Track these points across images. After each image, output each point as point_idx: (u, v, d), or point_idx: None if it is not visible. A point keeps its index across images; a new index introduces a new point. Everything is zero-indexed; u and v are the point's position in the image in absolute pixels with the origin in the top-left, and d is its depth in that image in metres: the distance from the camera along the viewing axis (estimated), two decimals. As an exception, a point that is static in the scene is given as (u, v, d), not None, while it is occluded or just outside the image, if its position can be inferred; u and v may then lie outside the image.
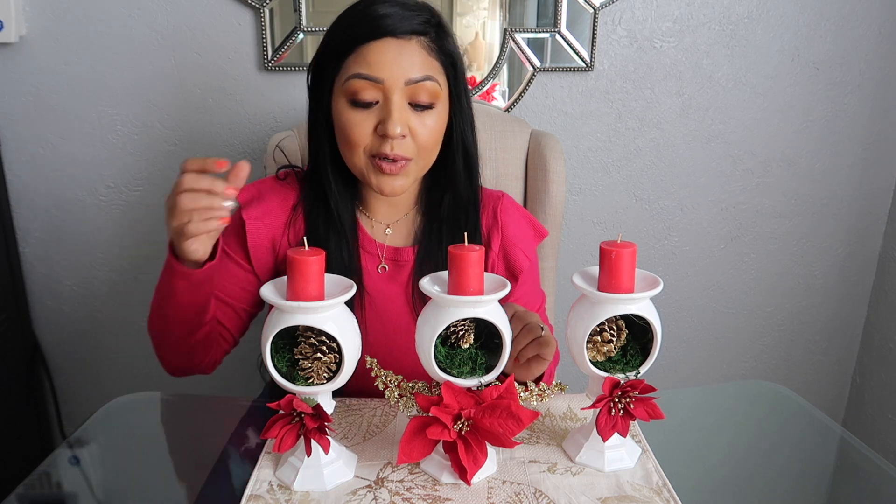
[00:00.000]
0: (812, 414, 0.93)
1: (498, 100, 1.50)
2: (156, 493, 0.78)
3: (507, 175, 1.26)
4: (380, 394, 0.75)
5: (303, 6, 1.40)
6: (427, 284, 0.71)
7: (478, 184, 1.01)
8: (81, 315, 1.61)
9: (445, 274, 0.71)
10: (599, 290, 0.72)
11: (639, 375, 0.75)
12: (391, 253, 1.00)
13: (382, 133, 0.87)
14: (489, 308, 0.70)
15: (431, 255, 0.98)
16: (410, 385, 0.74)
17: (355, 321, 0.72)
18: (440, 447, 0.74)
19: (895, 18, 1.51)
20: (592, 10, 1.45)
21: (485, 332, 0.73)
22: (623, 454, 0.77)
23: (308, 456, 0.72)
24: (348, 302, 0.70)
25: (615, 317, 0.74)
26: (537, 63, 1.47)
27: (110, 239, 1.55)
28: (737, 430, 0.93)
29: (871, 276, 1.72)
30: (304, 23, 1.41)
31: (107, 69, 1.44)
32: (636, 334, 0.76)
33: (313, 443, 0.70)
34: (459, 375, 0.72)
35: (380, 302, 0.98)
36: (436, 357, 0.71)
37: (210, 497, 0.76)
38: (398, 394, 0.74)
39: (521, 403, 0.72)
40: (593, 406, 0.75)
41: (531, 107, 1.51)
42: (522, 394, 0.75)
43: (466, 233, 0.80)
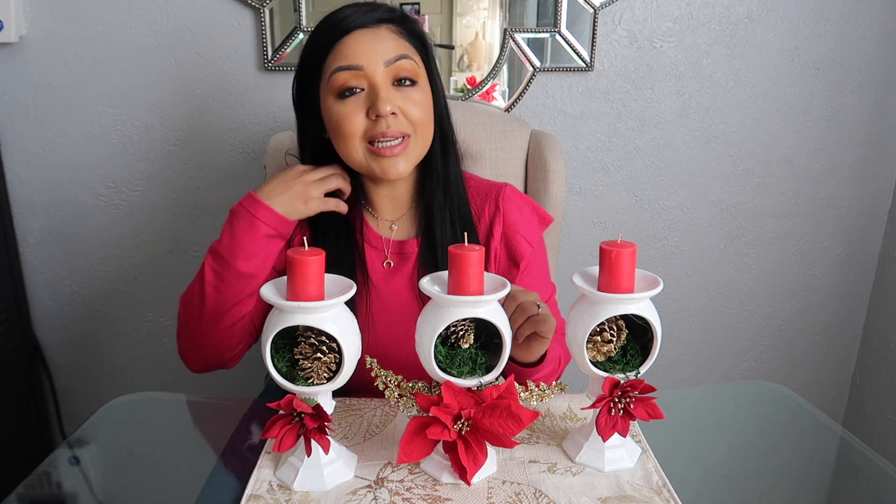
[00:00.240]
0: (812, 414, 0.93)
1: (498, 100, 1.50)
2: (156, 493, 0.78)
3: (507, 175, 1.26)
4: (380, 393, 0.75)
5: (303, 6, 1.40)
6: (427, 284, 0.71)
7: (456, 163, 1.02)
8: (81, 315, 1.61)
9: (445, 274, 0.71)
10: (599, 290, 0.72)
11: (639, 375, 0.75)
12: (396, 246, 1.01)
13: (375, 115, 0.90)
14: (489, 308, 0.70)
15: (432, 244, 0.99)
16: (410, 385, 0.74)
17: (355, 321, 0.72)
18: (440, 447, 0.74)
19: (895, 18, 1.51)
20: (592, 10, 1.45)
21: (485, 332, 0.73)
22: (623, 454, 0.77)
23: (308, 456, 0.72)
24: (351, 300, 0.70)
25: (615, 317, 0.74)
26: (537, 63, 1.47)
27: (110, 239, 1.55)
28: (737, 431, 0.93)
29: (871, 276, 1.72)
30: (304, 23, 1.41)
31: (107, 69, 1.44)
32: (636, 334, 0.76)
33: (313, 443, 0.70)
34: (459, 375, 0.72)
35: (386, 295, 0.99)
36: (436, 357, 0.71)
37: (210, 497, 0.76)
38: (398, 394, 0.74)
39: (521, 403, 0.72)
40: (593, 406, 0.75)
41: (531, 107, 1.52)
42: (522, 394, 0.75)
43: (466, 232, 0.80)
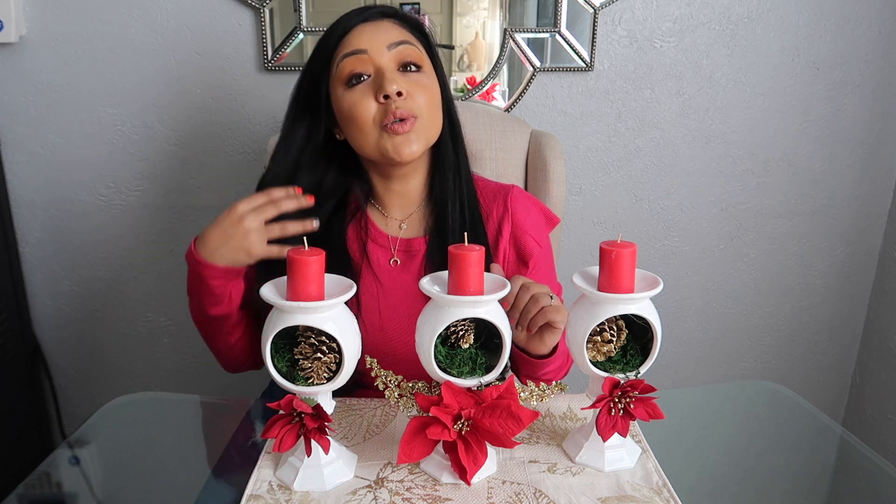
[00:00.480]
0: (812, 414, 0.93)
1: (498, 100, 1.50)
2: (156, 493, 0.78)
3: (507, 175, 1.26)
4: (380, 393, 0.75)
5: (303, 6, 1.40)
6: (427, 284, 0.71)
7: (465, 155, 1.04)
8: (81, 315, 1.61)
9: (445, 274, 0.71)
10: (599, 290, 0.72)
11: (639, 375, 0.75)
12: (403, 244, 1.02)
13: (383, 96, 0.92)
14: (489, 308, 0.70)
15: (443, 237, 1.00)
16: (410, 385, 0.74)
17: (355, 321, 0.72)
18: (440, 447, 0.74)
19: (895, 18, 1.51)
20: (592, 10, 1.45)
21: (485, 332, 0.73)
22: (623, 454, 0.77)
23: (308, 456, 0.72)
24: (357, 298, 0.70)
25: (615, 317, 0.74)
26: (537, 63, 1.47)
27: (110, 239, 1.55)
28: (737, 430, 0.93)
29: (871, 276, 1.72)
30: (304, 23, 1.41)
31: (107, 69, 1.44)
32: (636, 334, 0.76)
33: (313, 443, 0.70)
34: (459, 375, 0.72)
35: (393, 292, 1.00)
36: (436, 357, 0.71)
37: (210, 497, 0.76)
38: (398, 394, 0.74)
39: (521, 403, 0.72)
40: (593, 406, 0.75)
41: (531, 107, 1.52)
42: (522, 394, 0.75)
43: (466, 232, 0.80)
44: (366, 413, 0.88)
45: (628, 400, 0.74)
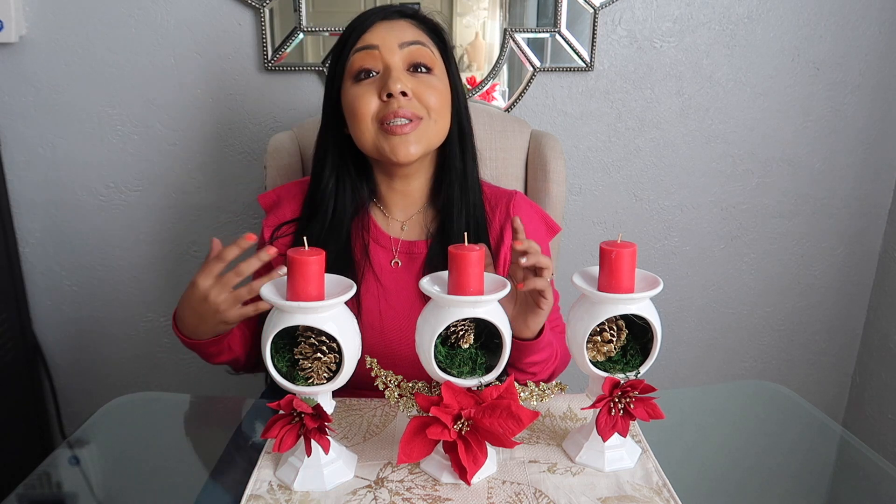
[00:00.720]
0: (812, 414, 0.93)
1: (498, 100, 1.50)
2: (156, 493, 0.78)
3: (507, 175, 1.26)
4: (380, 393, 0.75)
5: (303, 6, 1.40)
6: (427, 284, 0.71)
7: (474, 161, 1.03)
8: (81, 315, 1.61)
9: (445, 274, 0.71)
10: (599, 290, 0.72)
11: (639, 375, 0.75)
12: (405, 246, 1.02)
13: (386, 95, 0.92)
14: (489, 308, 0.70)
15: (442, 250, 0.99)
16: (410, 385, 0.74)
17: (355, 321, 0.72)
18: (440, 447, 0.74)
19: (895, 18, 1.51)
20: (592, 10, 1.45)
21: (485, 332, 0.73)
22: (623, 454, 0.77)
23: (308, 456, 0.72)
24: (358, 298, 0.70)
25: (615, 317, 0.74)
26: (537, 63, 1.47)
27: (110, 239, 1.55)
28: (737, 430, 0.93)
29: (871, 276, 1.72)
30: (304, 23, 1.41)
31: (107, 69, 1.44)
32: (636, 334, 0.76)
33: (313, 443, 0.70)
34: (459, 375, 0.72)
35: (393, 293, 1.00)
36: (436, 357, 0.71)
37: (210, 497, 0.76)
38: (398, 394, 0.74)
39: (521, 403, 0.72)
40: (593, 406, 0.75)
41: (531, 107, 1.52)
42: (522, 394, 0.75)
43: (467, 232, 0.80)
44: (366, 413, 0.88)
45: (628, 400, 0.74)
